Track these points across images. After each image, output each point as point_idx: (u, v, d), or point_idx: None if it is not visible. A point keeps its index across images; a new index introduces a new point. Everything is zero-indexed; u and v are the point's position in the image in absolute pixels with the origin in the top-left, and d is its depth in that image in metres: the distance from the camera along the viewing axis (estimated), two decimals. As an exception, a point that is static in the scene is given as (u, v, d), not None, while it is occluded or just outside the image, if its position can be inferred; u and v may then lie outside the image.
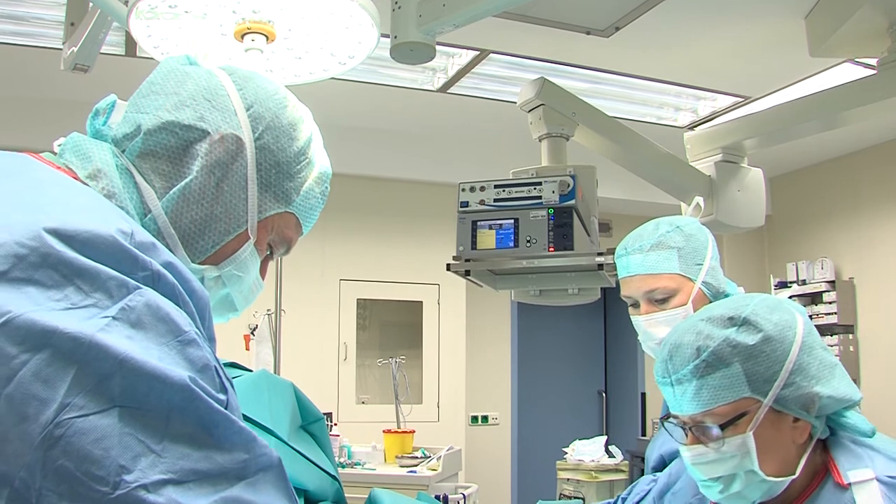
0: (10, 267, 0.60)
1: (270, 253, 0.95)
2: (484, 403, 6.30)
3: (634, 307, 1.63)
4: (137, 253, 0.67)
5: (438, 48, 2.12)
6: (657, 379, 1.19)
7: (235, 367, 1.16)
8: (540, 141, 2.32)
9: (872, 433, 1.13)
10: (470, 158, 5.59)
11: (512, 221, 1.93)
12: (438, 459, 4.20)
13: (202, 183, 0.84)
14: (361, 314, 5.80)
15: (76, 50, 2.50)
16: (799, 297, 5.95)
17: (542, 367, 7.20)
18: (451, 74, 4.57)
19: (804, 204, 6.37)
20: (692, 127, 5.20)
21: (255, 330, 4.09)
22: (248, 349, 4.12)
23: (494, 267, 2.04)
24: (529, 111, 2.33)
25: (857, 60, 4.00)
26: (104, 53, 2.84)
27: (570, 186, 1.92)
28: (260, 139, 0.88)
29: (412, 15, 1.99)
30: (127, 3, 1.92)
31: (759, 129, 2.70)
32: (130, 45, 4.01)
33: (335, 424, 4.68)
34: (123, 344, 0.60)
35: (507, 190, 1.96)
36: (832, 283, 5.87)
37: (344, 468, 4.10)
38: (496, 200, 1.96)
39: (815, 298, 5.95)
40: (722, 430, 1.11)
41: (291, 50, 2.03)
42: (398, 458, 4.32)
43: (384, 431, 4.58)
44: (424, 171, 5.74)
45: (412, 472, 4.10)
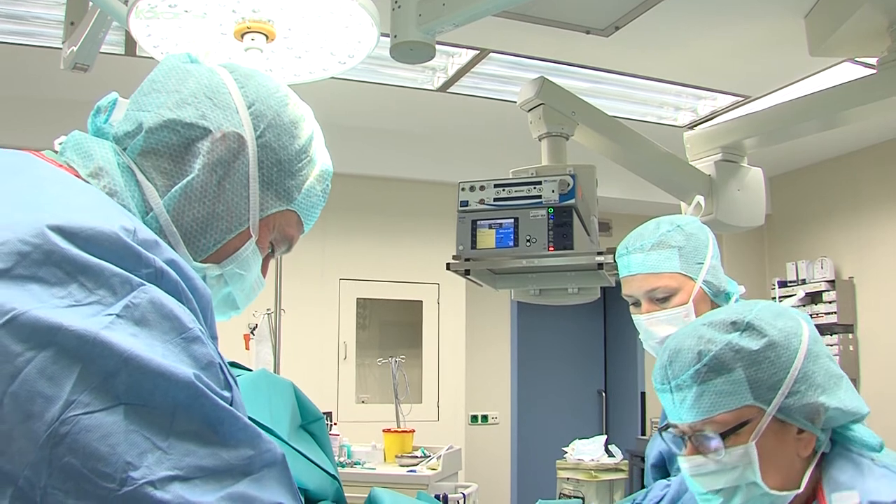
0: (13, 264, 0.60)
1: (272, 251, 0.95)
2: (484, 403, 6.29)
3: (636, 306, 1.63)
4: (141, 250, 0.67)
5: (438, 47, 2.12)
6: (656, 386, 1.14)
7: (235, 366, 1.16)
8: (540, 140, 2.32)
9: (881, 448, 1.08)
10: (470, 158, 5.58)
11: (512, 221, 1.93)
12: (438, 459, 4.19)
13: (204, 181, 0.84)
14: (361, 313, 5.79)
15: (76, 49, 2.50)
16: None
17: (541, 366, 7.20)
18: (450, 74, 4.57)
19: (804, 203, 6.37)
20: (692, 126, 5.20)
21: (254, 329, 4.08)
22: (247, 348, 4.12)
23: (494, 266, 2.04)
24: (529, 110, 2.33)
25: (856, 60, 4.00)
26: (104, 53, 2.83)
27: (569, 186, 1.92)
28: (261, 137, 0.88)
29: (412, 14, 1.99)
30: (127, 2, 1.92)
31: (758, 128, 2.70)
32: (130, 44, 4.00)
33: (335, 424, 4.67)
34: (128, 341, 0.60)
35: (506, 189, 1.96)
36: (832, 282, 5.86)
37: (344, 467, 4.09)
38: (496, 200, 1.96)
39: (814, 298, 5.94)
40: (723, 439, 1.06)
41: (291, 49, 2.03)
42: (398, 457, 4.32)
43: (384, 431, 4.57)
44: (424, 170, 5.73)
45: (412, 471, 4.09)
